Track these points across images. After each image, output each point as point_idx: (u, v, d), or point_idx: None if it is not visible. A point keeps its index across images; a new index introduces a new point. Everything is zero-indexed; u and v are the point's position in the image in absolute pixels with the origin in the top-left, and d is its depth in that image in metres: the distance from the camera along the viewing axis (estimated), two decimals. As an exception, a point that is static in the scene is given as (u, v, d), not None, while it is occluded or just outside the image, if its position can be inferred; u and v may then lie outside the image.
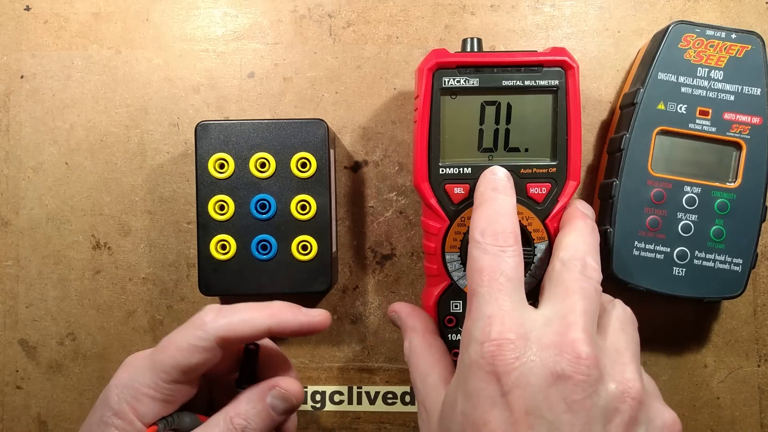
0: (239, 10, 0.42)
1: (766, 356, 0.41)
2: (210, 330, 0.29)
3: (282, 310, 0.31)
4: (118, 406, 0.29)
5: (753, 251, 0.37)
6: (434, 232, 0.34)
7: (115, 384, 0.30)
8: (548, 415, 0.24)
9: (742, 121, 0.37)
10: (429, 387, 0.30)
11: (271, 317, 0.30)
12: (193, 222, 0.42)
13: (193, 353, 0.29)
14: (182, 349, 0.29)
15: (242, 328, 0.30)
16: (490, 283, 0.27)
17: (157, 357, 0.29)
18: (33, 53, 0.42)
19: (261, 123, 0.37)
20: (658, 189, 0.37)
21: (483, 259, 0.27)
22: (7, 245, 0.42)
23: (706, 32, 0.37)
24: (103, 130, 0.42)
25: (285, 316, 0.31)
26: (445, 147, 0.34)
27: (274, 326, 0.31)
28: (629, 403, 0.25)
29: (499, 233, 0.28)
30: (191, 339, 0.29)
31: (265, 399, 0.31)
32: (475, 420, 0.25)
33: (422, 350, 0.32)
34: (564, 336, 0.25)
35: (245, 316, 0.30)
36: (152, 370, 0.29)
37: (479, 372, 0.25)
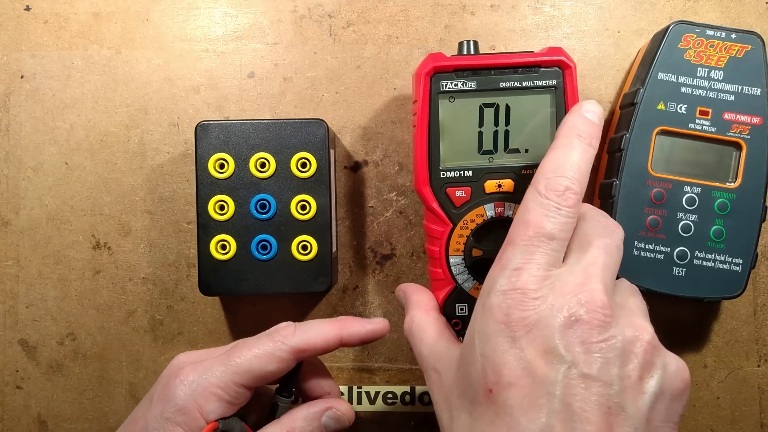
0: (239, 10, 0.42)
1: (766, 356, 0.41)
2: (290, 342, 0.31)
3: (349, 322, 0.33)
4: (185, 402, 0.30)
5: (753, 251, 0.37)
6: (437, 236, 0.34)
7: (182, 380, 0.30)
8: (566, 355, 0.24)
9: (742, 121, 0.37)
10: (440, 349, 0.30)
11: (341, 329, 0.33)
12: (193, 222, 0.42)
13: (270, 362, 0.31)
14: (260, 357, 0.31)
15: (318, 341, 0.32)
16: (532, 239, 0.26)
17: (233, 360, 0.31)
18: (33, 53, 0.42)
19: (261, 123, 0.37)
20: (658, 189, 0.37)
21: (534, 212, 0.27)
22: (7, 245, 0.42)
23: (706, 32, 0.37)
24: (103, 130, 0.42)
25: (353, 327, 0.33)
26: (444, 150, 0.34)
27: (345, 336, 0.33)
28: (644, 347, 0.25)
29: (563, 189, 0.27)
30: (270, 348, 0.31)
31: (320, 418, 0.33)
32: (494, 360, 0.25)
33: (426, 322, 0.32)
34: (583, 286, 0.25)
35: (320, 330, 0.32)
36: (227, 372, 0.30)
37: (499, 315, 0.25)
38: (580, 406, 0.23)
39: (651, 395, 0.25)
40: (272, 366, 0.31)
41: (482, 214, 0.34)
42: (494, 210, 0.34)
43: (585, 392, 0.23)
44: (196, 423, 0.30)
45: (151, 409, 0.30)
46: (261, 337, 0.32)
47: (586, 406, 0.23)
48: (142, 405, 0.32)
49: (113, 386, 0.42)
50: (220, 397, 0.30)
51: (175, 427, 0.30)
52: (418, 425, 0.42)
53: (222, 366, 0.31)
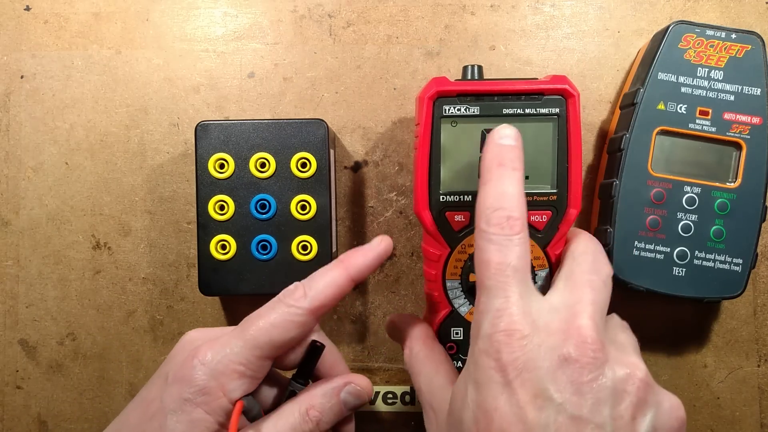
0: (239, 10, 0.42)
1: (766, 356, 0.41)
2: (304, 304, 0.31)
3: (352, 258, 0.33)
4: (206, 382, 0.29)
5: (753, 251, 0.37)
6: (435, 259, 0.34)
7: (201, 360, 0.29)
8: (557, 397, 0.24)
9: (742, 121, 0.37)
10: (435, 388, 0.30)
11: (347, 269, 0.32)
12: (193, 222, 0.42)
13: (289, 329, 0.30)
14: (278, 326, 0.30)
15: (331, 292, 0.31)
16: (497, 276, 0.26)
17: (251, 334, 0.30)
18: (33, 53, 0.42)
19: (261, 123, 0.37)
20: (658, 189, 0.37)
21: (489, 251, 0.27)
22: (7, 245, 0.42)
23: (706, 32, 0.37)
24: (103, 130, 0.42)
25: (358, 261, 0.32)
26: (445, 175, 0.34)
27: (354, 274, 0.32)
28: (637, 385, 0.25)
29: (505, 220, 0.27)
30: (287, 315, 0.30)
31: (339, 394, 0.32)
32: (485, 407, 0.25)
33: (425, 355, 0.32)
34: (571, 323, 0.25)
35: (328, 280, 0.31)
36: (246, 346, 0.29)
37: (488, 360, 0.25)
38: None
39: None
40: (292, 333, 0.30)
41: None
42: None
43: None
44: (218, 403, 0.29)
45: (167, 389, 0.29)
46: (273, 304, 0.31)
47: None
48: (154, 385, 0.31)
49: (113, 386, 0.42)
50: (242, 374, 0.29)
51: (195, 408, 0.29)
52: (419, 425, 0.42)
53: (240, 341, 0.30)
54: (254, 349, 0.30)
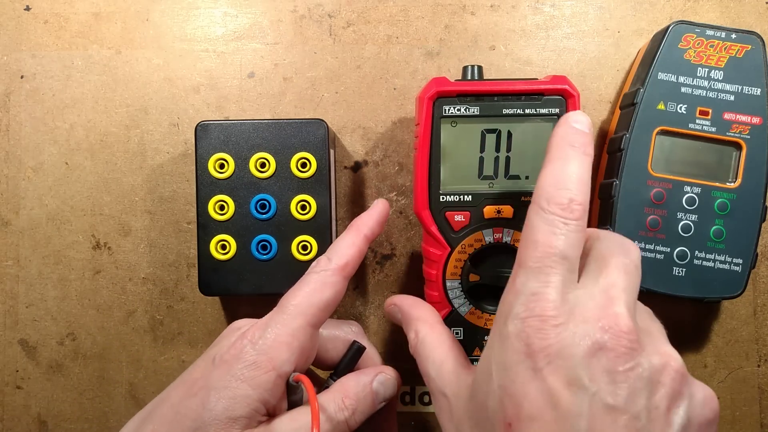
0: (239, 10, 0.42)
1: (766, 356, 0.41)
2: (331, 266, 0.32)
3: (361, 221, 0.34)
4: (256, 357, 0.29)
5: (753, 251, 0.37)
6: (435, 259, 0.34)
7: (250, 340, 0.29)
8: (590, 386, 0.23)
9: (742, 121, 0.37)
10: (447, 373, 0.30)
11: (360, 230, 0.34)
12: (193, 222, 0.42)
13: (324, 289, 0.31)
14: (314, 291, 0.31)
15: (353, 251, 0.33)
16: (543, 259, 0.25)
17: (288, 305, 0.30)
18: (33, 53, 0.42)
19: (261, 123, 0.37)
20: (658, 189, 0.37)
21: (541, 231, 0.25)
22: (7, 245, 0.42)
23: (706, 32, 0.37)
24: (103, 130, 0.42)
25: (368, 222, 0.34)
26: (445, 174, 0.34)
27: (368, 232, 0.34)
28: (672, 375, 0.24)
29: (567, 202, 0.25)
30: (318, 279, 0.31)
31: (372, 384, 0.32)
32: (513, 392, 0.24)
33: (433, 339, 0.31)
34: (605, 310, 0.24)
35: (347, 242, 0.33)
36: (289, 317, 0.30)
37: (519, 344, 0.24)
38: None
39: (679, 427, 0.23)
40: (328, 293, 0.31)
41: (480, 239, 0.34)
42: (493, 236, 0.34)
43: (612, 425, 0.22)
44: (265, 377, 0.28)
45: (214, 370, 0.29)
46: (304, 277, 0.32)
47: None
48: (198, 367, 0.30)
49: (113, 386, 0.42)
50: (290, 345, 0.29)
51: (240, 384, 0.28)
52: (418, 425, 0.42)
53: (282, 315, 0.30)
54: (297, 317, 0.30)
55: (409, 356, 0.42)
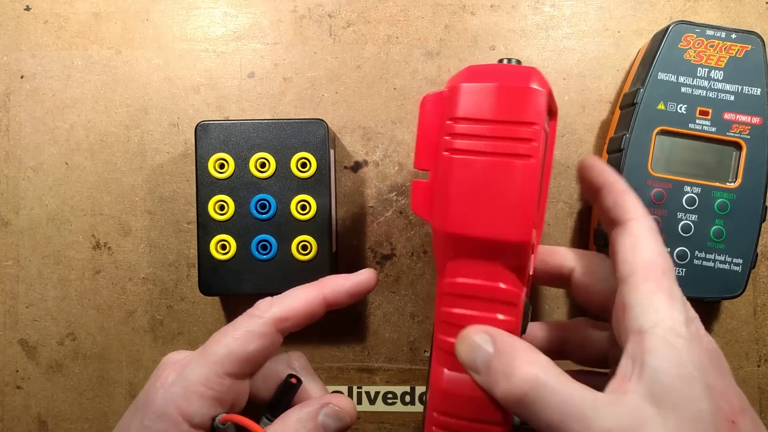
0: (239, 10, 0.42)
1: (766, 356, 0.41)
2: (266, 315, 0.29)
3: (331, 280, 0.31)
4: (164, 408, 0.27)
5: (753, 251, 0.37)
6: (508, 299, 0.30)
7: (162, 384, 0.27)
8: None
9: (742, 121, 0.37)
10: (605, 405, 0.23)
11: (322, 288, 0.30)
12: (193, 222, 0.42)
13: (250, 340, 0.28)
14: (238, 338, 0.28)
15: (299, 306, 0.29)
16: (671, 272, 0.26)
17: (209, 350, 0.28)
18: (33, 53, 0.42)
19: (261, 123, 0.37)
20: (658, 189, 0.37)
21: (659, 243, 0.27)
22: (7, 245, 0.42)
23: (706, 32, 0.37)
24: (103, 130, 0.42)
25: (336, 283, 0.31)
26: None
27: (329, 295, 0.30)
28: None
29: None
30: (248, 326, 0.28)
31: (317, 417, 0.29)
32: (722, 389, 0.24)
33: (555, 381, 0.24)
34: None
35: (299, 295, 0.30)
36: (204, 364, 0.27)
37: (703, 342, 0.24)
38: None
39: None
40: (253, 345, 0.28)
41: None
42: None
43: None
44: (177, 429, 0.27)
45: (135, 416, 0.28)
46: (239, 318, 0.29)
47: None
48: (129, 411, 0.29)
49: (113, 386, 0.42)
50: (202, 395, 0.27)
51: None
52: (418, 425, 0.42)
53: (200, 359, 0.28)
54: (214, 365, 0.27)
55: (408, 357, 0.42)
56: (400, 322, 0.42)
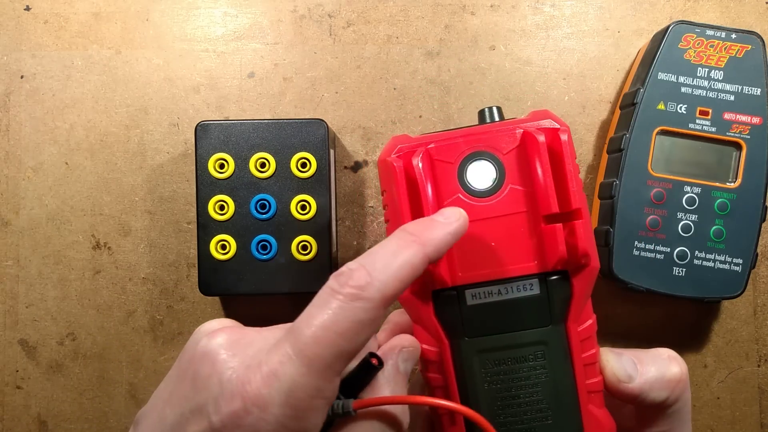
0: (239, 10, 0.42)
1: (766, 356, 0.41)
2: (374, 295, 0.22)
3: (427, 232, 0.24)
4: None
5: (753, 251, 0.37)
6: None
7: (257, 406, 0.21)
8: None
9: (742, 121, 0.37)
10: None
11: (423, 245, 0.23)
12: (193, 222, 0.42)
13: (359, 332, 0.22)
14: (346, 333, 0.21)
15: (406, 273, 0.23)
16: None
17: (312, 353, 0.21)
18: (33, 53, 0.42)
19: (261, 123, 0.37)
20: (658, 189, 0.37)
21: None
22: (7, 245, 0.42)
23: (706, 32, 0.37)
24: (103, 130, 0.42)
25: (435, 237, 0.24)
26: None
27: (431, 253, 0.24)
28: None
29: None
30: (354, 315, 0.22)
31: (399, 369, 0.25)
32: None
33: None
34: None
35: (399, 258, 0.23)
36: (310, 372, 0.21)
37: None
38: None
39: None
40: (362, 337, 0.22)
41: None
42: None
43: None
44: None
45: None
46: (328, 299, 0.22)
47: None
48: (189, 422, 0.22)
49: (113, 386, 0.42)
50: (316, 408, 0.22)
51: None
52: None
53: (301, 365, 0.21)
54: (324, 371, 0.21)
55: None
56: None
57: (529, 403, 0.26)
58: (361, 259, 0.23)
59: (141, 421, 0.24)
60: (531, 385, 0.26)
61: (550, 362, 0.26)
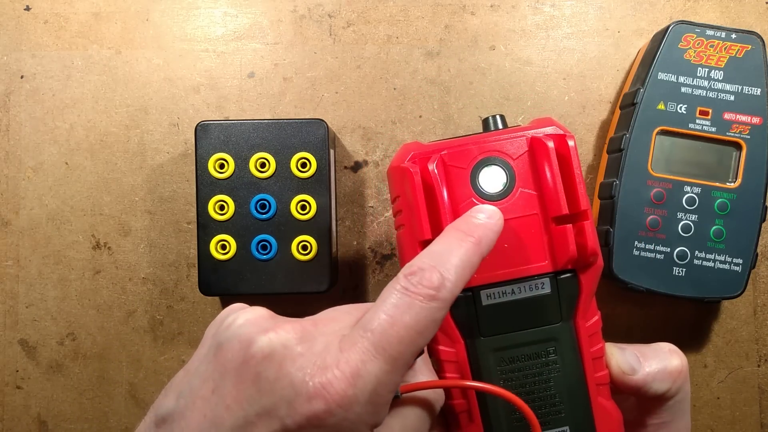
0: (239, 10, 0.42)
1: (766, 356, 0.41)
2: (447, 295, 0.23)
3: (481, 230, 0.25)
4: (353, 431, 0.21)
5: (753, 251, 0.37)
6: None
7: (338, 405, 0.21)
8: None
9: (742, 121, 0.37)
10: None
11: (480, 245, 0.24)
12: (193, 222, 0.42)
13: (434, 330, 0.23)
14: (425, 331, 0.22)
15: (469, 273, 0.24)
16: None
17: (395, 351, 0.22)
18: (33, 53, 0.42)
19: (261, 123, 0.37)
20: (658, 189, 0.37)
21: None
22: (7, 245, 0.42)
23: (706, 32, 0.37)
24: (103, 130, 0.42)
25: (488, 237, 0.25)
26: None
27: (485, 251, 0.25)
28: None
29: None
30: (432, 314, 0.22)
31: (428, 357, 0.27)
32: None
33: None
34: None
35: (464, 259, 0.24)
36: (394, 370, 0.22)
37: None
38: None
39: None
40: (433, 332, 0.23)
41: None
42: None
43: None
44: None
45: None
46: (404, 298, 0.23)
47: None
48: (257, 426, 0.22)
49: (113, 386, 0.42)
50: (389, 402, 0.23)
51: None
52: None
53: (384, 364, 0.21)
54: (404, 368, 0.22)
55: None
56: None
57: (542, 398, 0.27)
58: (429, 259, 0.23)
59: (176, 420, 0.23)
60: (544, 380, 0.27)
61: (562, 357, 0.27)
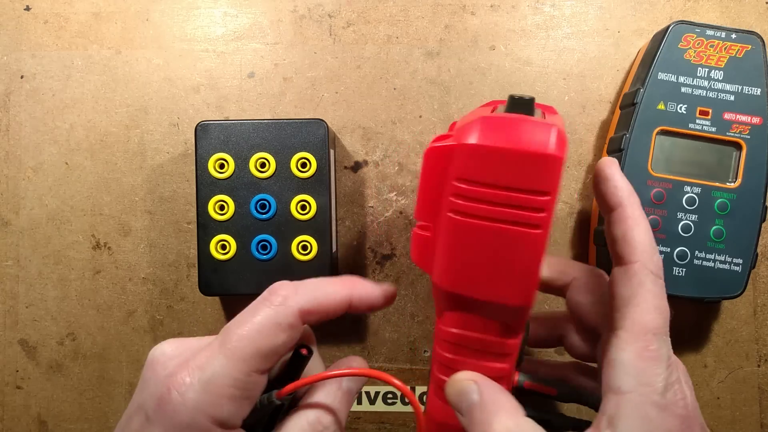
0: (239, 10, 0.42)
1: (766, 356, 0.41)
2: (293, 305, 0.26)
3: (359, 284, 0.29)
4: (193, 419, 0.24)
5: (753, 251, 0.37)
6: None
7: (181, 393, 0.24)
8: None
9: (742, 121, 0.37)
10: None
11: (351, 289, 0.28)
12: (193, 222, 0.42)
13: (277, 333, 0.25)
14: (264, 332, 0.25)
15: (326, 302, 0.27)
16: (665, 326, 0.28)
17: (232, 346, 0.25)
18: (33, 53, 0.42)
19: (261, 123, 0.37)
20: (658, 189, 0.37)
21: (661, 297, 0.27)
22: (7, 245, 0.42)
23: (706, 32, 0.37)
24: (103, 130, 0.42)
25: (365, 290, 0.29)
26: None
27: (356, 299, 0.28)
28: None
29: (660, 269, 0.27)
30: (273, 316, 0.26)
31: (342, 385, 0.29)
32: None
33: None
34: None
35: (327, 289, 0.27)
36: (230, 364, 0.25)
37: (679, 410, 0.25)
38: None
39: None
40: (281, 338, 0.26)
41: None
42: None
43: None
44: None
45: (148, 426, 0.24)
46: (256, 306, 0.26)
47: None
48: (133, 420, 0.25)
49: (113, 386, 0.42)
50: (232, 397, 0.25)
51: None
52: (418, 425, 0.42)
53: (223, 358, 0.25)
54: (241, 364, 0.25)
55: (408, 357, 0.42)
56: (400, 322, 0.42)
57: None
58: (297, 282, 0.28)
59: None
60: None
61: None
